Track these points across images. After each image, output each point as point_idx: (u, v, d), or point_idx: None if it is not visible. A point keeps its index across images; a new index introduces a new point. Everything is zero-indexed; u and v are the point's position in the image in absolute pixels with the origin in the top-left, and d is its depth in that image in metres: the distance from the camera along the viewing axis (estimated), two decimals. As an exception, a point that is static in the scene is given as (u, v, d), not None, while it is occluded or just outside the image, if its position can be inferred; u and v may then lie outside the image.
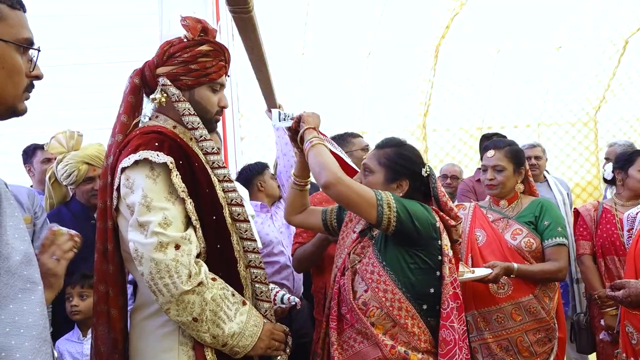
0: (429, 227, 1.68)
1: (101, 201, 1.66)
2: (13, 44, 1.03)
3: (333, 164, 1.66)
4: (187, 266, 1.46)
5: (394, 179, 1.77)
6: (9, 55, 1.03)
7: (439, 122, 6.71)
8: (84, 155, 2.58)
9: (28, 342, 0.94)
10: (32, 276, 0.99)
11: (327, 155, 1.69)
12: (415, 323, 1.66)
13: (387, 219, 1.61)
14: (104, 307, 1.63)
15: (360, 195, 1.63)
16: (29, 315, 0.96)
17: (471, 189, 3.64)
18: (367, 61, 6.14)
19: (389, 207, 1.62)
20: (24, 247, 0.98)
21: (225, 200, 1.67)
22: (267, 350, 1.61)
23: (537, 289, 2.30)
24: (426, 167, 1.79)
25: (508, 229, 2.41)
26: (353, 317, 1.71)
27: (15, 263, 0.96)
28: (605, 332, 2.69)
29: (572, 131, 6.88)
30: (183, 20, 1.68)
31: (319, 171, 1.65)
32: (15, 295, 0.95)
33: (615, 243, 2.74)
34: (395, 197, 1.68)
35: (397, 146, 1.83)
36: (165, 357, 1.54)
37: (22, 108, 1.09)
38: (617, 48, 6.29)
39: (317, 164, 1.67)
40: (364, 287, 1.71)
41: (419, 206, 1.71)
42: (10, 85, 1.04)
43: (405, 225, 1.63)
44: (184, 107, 1.65)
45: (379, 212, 1.62)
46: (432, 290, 1.68)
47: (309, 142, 1.72)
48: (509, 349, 2.28)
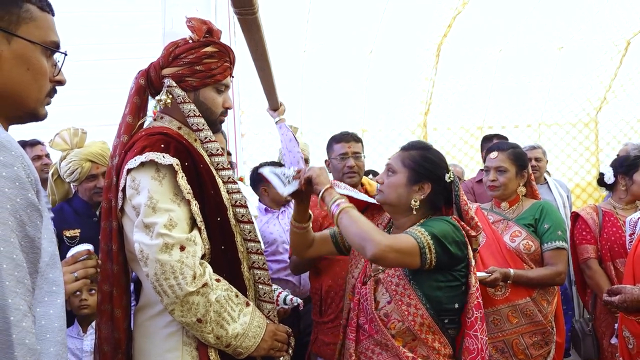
0: (461, 247, 1.66)
1: (106, 201, 1.67)
2: (40, 46, 1.02)
3: (373, 230, 1.57)
4: (192, 267, 1.48)
5: (416, 181, 1.74)
6: (36, 57, 1.02)
7: (440, 121, 6.70)
8: (87, 153, 2.58)
9: (53, 347, 0.94)
10: (57, 279, 0.98)
11: (362, 222, 1.58)
12: (436, 338, 1.64)
13: (429, 261, 1.59)
14: (107, 306, 1.65)
15: (407, 253, 1.57)
16: (55, 320, 0.95)
17: (470, 190, 3.65)
18: (369, 59, 6.13)
19: (430, 250, 1.58)
20: (52, 249, 0.98)
21: (230, 202, 1.68)
22: (269, 351, 1.63)
23: (534, 292, 2.31)
24: (450, 173, 1.76)
25: (507, 231, 2.42)
26: (372, 327, 1.69)
27: (44, 264, 0.95)
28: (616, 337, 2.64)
29: (572, 131, 6.88)
30: (188, 22, 1.69)
31: (360, 242, 1.55)
32: (42, 299, 0.94)
33: (624, 246, 2.65)
34: (429, 231, 1.61)
35: (423, 149, 1.81)
36: (169, 357, 1.55)
37: (42, 113, 1.08)
38: (618, 49, 6.29)
39: (355, 234, 1.56)
40: (387, 298, 1.68)
41: (448, 227, 1.66)
42: (34, 88, 1.03)
43: (441, 258, 1.61)
44: (189, 108, 1.66)
45: (422, 260, 1.58)
46: (457, 306, 1.67)
47: (336, 205, 1.62)
48: (504, 351, 2.28)
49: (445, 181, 1.75)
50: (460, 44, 6.07)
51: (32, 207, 0.89)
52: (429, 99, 6.51)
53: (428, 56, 6.20)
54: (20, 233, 0.87)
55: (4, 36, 0.98)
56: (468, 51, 6.20)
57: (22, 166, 0.90)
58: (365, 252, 1.55)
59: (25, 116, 1.06)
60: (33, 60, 1.01)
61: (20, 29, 0.99)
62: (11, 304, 0.83)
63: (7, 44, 0.98)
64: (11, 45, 0.98)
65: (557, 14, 5.84)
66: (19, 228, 0.87)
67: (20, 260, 0.86)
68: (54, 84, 1.08)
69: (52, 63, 1.07)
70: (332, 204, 1.63)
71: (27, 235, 0.89)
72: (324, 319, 2.47)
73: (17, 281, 0.85)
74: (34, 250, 0.90)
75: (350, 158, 2.55)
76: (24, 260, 0.87)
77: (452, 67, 6.26)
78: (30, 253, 0.89)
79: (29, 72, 1.01)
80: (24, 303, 0.85)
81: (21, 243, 0.87)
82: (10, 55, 0.98)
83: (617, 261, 2.75)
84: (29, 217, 0.89)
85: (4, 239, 0.84)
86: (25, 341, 0.83)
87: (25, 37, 0.99)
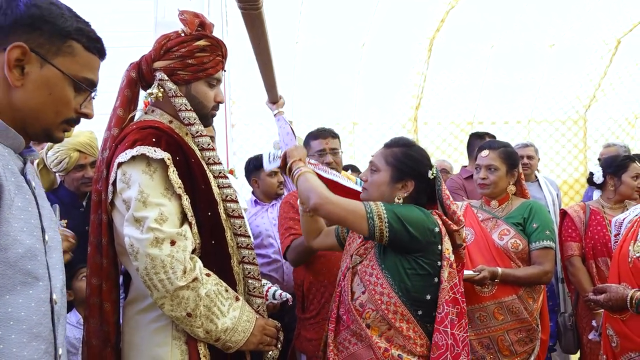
0: (427, 232, 1.67)
1: (96, 194, 1.66)
2: (70, 79, 1.09)
3: (319, 186, 1.69)
4: (182, 262, 1.48)
5: (399, 178, 1.76)
6: (61, 86, 1.09)
7: (431, 115, 6.71)
8: (75, 143, 2.56)
9: (15, 334, 0.96)
10: (35, 271, 1.01)
11: (313, 180, 1.72)
12: (410, 327, 1.66)
13: (380, 230, 1.61)
14: (96, 300, 1.64)
15: (349, 210, 1.64)
16: (22, 309, 0.98)
17: (461, 186, 3.66)
18: (362, 52, 6.11)
19: (380, 218, 1.61)
20: (30, 242, 1.01)
21: (221, 197, 1.68)
22: (259, 346, 1.64)
23: (521, 290, 2.34)
24: (433, 169, 1.78)
25: (496, 229, 2.44)
26: (349, 318, 1.72)
27: (16, 255, 0.97)
28: (595, 332, 2.71)
29: (562, 129, 6.93)
30: (181, 15, 1.67)
31: (306, 195, 1.68)
32: (14, 287, 0.97)
33: (607, 245, 2.75)
34: (387, 207, 1.67)
35: (406, 146, 1.82)
36: (159, 351, 1.55)
37: (58, 136, 1.15)
38: (609, 47, 6.33)
39: (304, 189, 1.71)
40: (362, 288, 1.71)
41: (417, 212, 1.70)
42: (50, 112, 1.10)
43: (399, 235, 1.63)
44: (180, 102, 1.65)
45: (369, 225, 1.62)
46: (428, 297, 1.67)
47: (296, 171, 1.77)
48: (489, 347, 2.31)
49: (428, 178, 1.76)
50: (453, 39, 6.07)
51: None
52: (420, 93, 6.51)
53: (420, 50, 6.19)
54: None
55: (39, 60, 1.06)
56: (460, 46, 6.21)
57: None
58: (308, 203, 1.66)
59: (40, 133, 1.13)
60: (57, 88, 1.09)
61: (57, 59, 1.07)
62: None
63: (38, 68, 1.06)
64: (42, 70, 1.06)
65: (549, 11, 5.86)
66: None
67: None
68: (79, 115, 1.15)
69: (83, 97, 1.14)
70: (295, 170, 1.76)
71: None
72: (306, 314, 2.48)
73: None
74: None
75: (328, 154, 2.56)
76: None
77: (444, 62, 6.27)
78: None
79: (50, 96, 1.08)
80: None
81: None
82: (38, 77, 1.06)
83: (599, 260, 2.81)
84: None
85: None
86: None
87: (56, 66, 1.07)
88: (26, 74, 1.05)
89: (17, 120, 1.07)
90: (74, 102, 1.12)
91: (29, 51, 1.03)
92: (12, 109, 1.06)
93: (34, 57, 1.05)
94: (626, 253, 1.99)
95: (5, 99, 1.05)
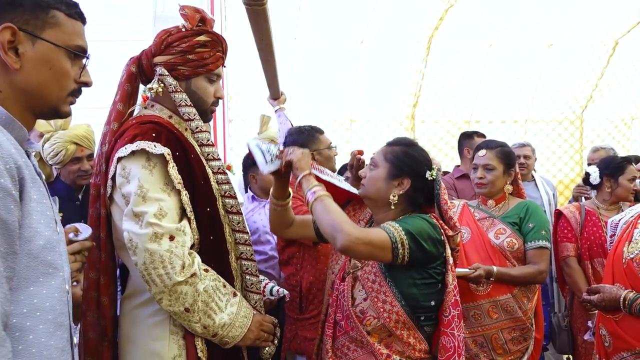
0: (437, 244, 1.66)
1: (94, 188, 1.66)
2: (64, 49, 1.09)
3: (344, 221, 1.57)
4: (181, 257, 1.48)
5: (396, 175, 1.74)
6: (58, 58, 1.09)
7: (428, 114, 6.72)
8: (72, 135, 2.55)
9: (42, 324, 0.98)
10: (55, 262, 1.03)
11: (335, 212, 1.59)
12: (411, 334, 1.66)
13: (402, 256, 1.59)
14: (94, 294, 1.64)
15: (377, 246, 1.57)
16: (46, 299, 1.00)
17: (452, 186, 3.66)
18: (360, 49, 6.11)
19: (402, 245, 1.58)
20: (49, 233, 1.02)
21: (219, 193, 1.69)
22: (255, 341, 1.65)
23: (515, 289, 2.35)
24: (433, 171, 1.76)
25: (492, 228, 2.46)
26: (348, 324, 1.70)
27: (38, 247, 0.99)
28: (590, 333, 2.72)
29: (558, 129, 6.95)
30: (182, 10, 1.67)
31: (331, 232, 1.56)
32: (37, 279, 0.99)
33: (603, 245, 2.75)
34: (404, 227, 1.61)
35: (407, 145, 1.81)
36: (156, 345, 1.56)
37: (65, 110, 1.15)
38: (606, 48, 6.34)
39: (327, 223, 1.57)
40: (363, 295, 1.69)
41: (425, 225, 1.66)
42: (55, 87, 1.10)
43: (415, 255, 1.61)
44: (180, 97, 1.65)
45: (394, 255, 1.59)
46: (433, 303, 1.67)
47: (312, 192, 1.63)
48: (483, 345, 2.33)
49: (426, 178, 1.75)
50: (451, 38, 6.08)
51: (3, 191, 0.93)
52: (418, 92, 6.52)
53: (419, 48, 6.19)
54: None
55: (29, 38, 1.06)
56: (458, 45, 6.21)
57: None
58: (335, 242, 1.55)
59: (48, 111, 1.14)
60: (55, 61, 1.09)
61: (45, 33, 1.08)
62: None
63: (31, 46, 1.06)
64: (35, 47, 1.07)
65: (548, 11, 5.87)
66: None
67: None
68: (79, 85, 1.16)
69: (78, 66, 1.14)
70: (308, 191, 1.64)
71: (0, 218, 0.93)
72: (306, 315, 2.49)
73: None
74: (7, 232, 0.94)
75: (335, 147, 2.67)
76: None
77: (442, 61, 6.27)
78: (5, 235, 0.94)
79: (50, 71, 1.09)
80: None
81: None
82: (34, 56, 1.07)
83: (595, 260, 2.82)
84: (1, 201, 0.93)
85: None
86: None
87: (48, 40, 1.08)
88: (22, 55, 1.05)
89: (23, 103, 1.08)
90: (72, 73, 1.13)
91: (18, 30, 1.03)
92: (16, 93, 1.07)
93: (23, 36, 1.05)
94: (620, 254, 2.00)
95: (6, 84, 1.06)
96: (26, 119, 1.10)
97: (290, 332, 2.57)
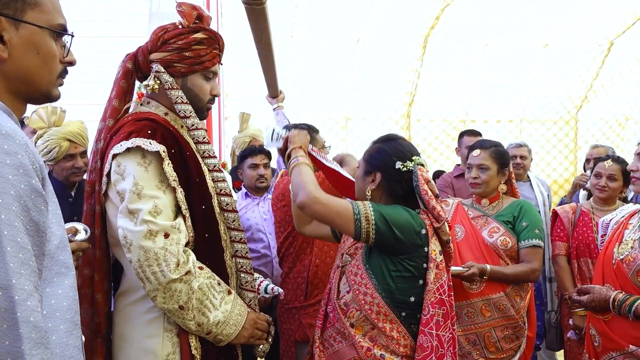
0: (413, 235, 1.65)
1: (89, 185, 1.65)
2: (48, 30, 1.05)
3: (310, 182, 1.65)
4: (175, 255, 1.48)
5: (368, 171, 1.78)
6: (44, 41, 1.05)
7: (424, 113, 6.74)
8: (66, 132, 2.53)
9: (63, 325, 0.98)
10: (67, 261, 1.02)
11: (306, 174, 1.69)
12: (394, 327, 1.65)
13: (366, 232, 1.61)
14: (88, 291, 1.64)
15: (336, 212, 1.62)
16: (63, 299, 1.00)
17: (449, 184, 3.70)
18: (356, 47, 6.12)
19: (367, 220, 1.60)
20: (60, 233, 1.02)
21: (215, 190, 1.68)
22: (250, 339, 1.64)
23: (509, 287, 2.36)
24: (408, 163, 1.73)
25: (486, 227, 2.47)
26: (335, 316, 1.73)
27: (54, 247, 0.99)
28: (572, 331, 2.78)
29: (553, 129, 6.99)
30: (178, 7, 1.67)
31: (296, 190, 1.66)
32: (52, 279, 0.99)
33: (590, 246, 2.82)
34: (375, 207, 1.65)
35: (382, 141, 1.83)
36: (150, 343, 1.55)
37: (55, 94, 1.11)
38: (602, 49, 6.38)
39: (295, 183, 1.68)
40: (347, 288, 1.72)
41: (404, 214, 1.67)
42: (45, 71, 1.06)
43: (385, 237, 1.62)
44: (176, 95, 1.64)
45: (356, 227, 1.61)
46: (412, 299, 1.66)
47: (294, 160, 1.75)
48: (476, 344, 2.34)
49: (397, 170, 1.73)
50: (447, 37, 6.10)
51: (35, 192, 0.93)
52: (414, 90, 6.53)
53: (414, 47, 6.21)
54: (24, 217, 0.91)
55: (12, 23, 1.00)
56: (454, 44, 6.23)
57: (27, 154, 0.93)
58: (296, 198, 1.64)
59: (39, 97, 1.10)
60: (42, 44, 1.04)
61: (27, 15, 1.02)
62: (15, 284, 0.86)
63: (15, 31, 1.01)
64: (19, 32, 1.01)
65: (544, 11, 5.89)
66: (24, 213, 0.91)
67: (24, 243, 0.90)
68: (64, 65, 1.11)
69: (61, 45, 1.10)
70: (293, 158, 1.75)
71: (32, 220, 0.92)
72: (310, 301, 2.49)
73: (22, 263, 0.88)
74: (39, 233, 0.93)
75: None
76: (29, 243, 0.91)
77: (438, 60, 6.29)
78: (36, 236, 0.93)
79: (39, 56, 1.04)
80: (28, 283, 0.89)
81: (26, 227, 0.91)
82: (20, 41, 1.01)
83: (581, 260, 2.89)
84: (33, 202, 0.92)
85: (9, 223, 0.88)
86: (30, 319, 0.87)
87: (32, 22, 1.02)
88: (7, 42, 1.00)
89: (14, 92, 1.04)
90: (58, 54, 1.08)
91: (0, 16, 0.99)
92: (6, 83, 1.03)
93: (5, 21, 0.99)
94: (611, 254, 2.01)
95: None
96: (17, 107, 1.06)
97: (293, 324, 2.56)
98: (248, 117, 3.88)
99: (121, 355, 1.61)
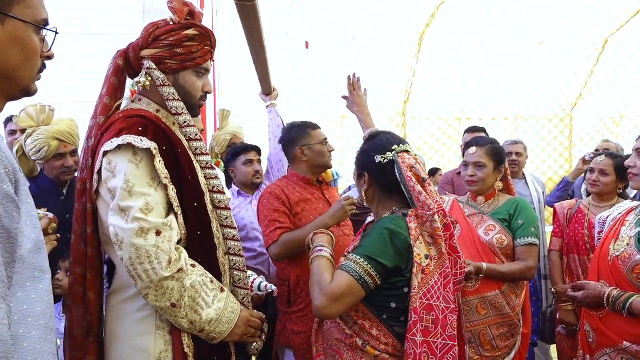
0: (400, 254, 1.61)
1: (80, 183, 1.64)
2: (32, 25, 1.02)
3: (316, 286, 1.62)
4: (167, 252, 1.47)
5: (358, 175, 1.80)
6: (29, 37, 1.03)
7: (419, 110, 6.75)
8: (55, 131, 2.51)
9: (36, 331, 0.94)
10: (41, 264, 0.98)
11: (318, 273, 1.65)
12: (374, 325, 1.64)
13: (374, 283, 1.58)
14: (79, 289, 1.63)
15: (346, 294, 1.56)
16: (37, 304, 0.95)
17: (449, 181, 3.71)
18: (351, 45, 6.11)
19: (369, 275, 1.57)
20: (35, 235, 0.98)
21: (207, 188, 1.67)
22: (243, 337, 1.64)
23: (504, 285, 2.36)
24: (387, 154, 1.71)
25: (482, 225, 2.46)
26: None
27: (26, 251, 0.95)
28: (561, 325, 2.81)
29: (548, 126, 7.01)
30: (170, 3, 1.65)
31: (311, 288, 1.64)
32: (24, 284, 0.94)
33: (579, 243, 2.87)
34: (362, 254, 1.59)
35: (364, 143, 1.84)
36: (142, 341, 1.54)
37: (34, 89, 1.09)
38: (596, 47, 6.40)
39: (310, 286, 1.65)
40: None
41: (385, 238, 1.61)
42: (27, 67, 1.04)
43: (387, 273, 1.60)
44: (168, 91, 1.63)
45: (365, 287, 1.58)
46: (393, 305, 1.63)
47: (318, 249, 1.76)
48: (471, 341, 2.33)
49: (380, 164, 1.72)
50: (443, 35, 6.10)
51: (7, 198, 0.89)
52: (409, 88, 6.54)
53: (410, 45, 6.21)
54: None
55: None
56: (450, 42, 6.24)
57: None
58: (313, 299, 1.63)
59: (19, 94, 1.07)
60: (27, 40, 1.02)
61: (13, 10, 0.99)
62: None
63: (1, 26, 0.98)
64: (5, 27, 0.99)
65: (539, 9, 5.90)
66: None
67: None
68: (43, 59, 1.09)
69: (40, 39, 1.07)
70: (314, 248, 1.78)
71: (3, 227, 0.88)
72: (293, 308, 2.49)
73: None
74: (10, 240, 0.90)
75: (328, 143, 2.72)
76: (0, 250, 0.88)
77: (434, 57, 6.30)
78: (7, 244, 0.89)
79: (23, 52, 1.02)
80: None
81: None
82: (5, 36, 0.99)
83: (570, 256, 2.93)
84: (4, 208, 0.89)
85: None
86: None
87: (18, 17, 0.99)
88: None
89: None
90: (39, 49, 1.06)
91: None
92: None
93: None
94: (607, 251, 2.01)
95: None
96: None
97: (280, 326, 2.57)
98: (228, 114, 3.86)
99: (113, 353, 1.60)
